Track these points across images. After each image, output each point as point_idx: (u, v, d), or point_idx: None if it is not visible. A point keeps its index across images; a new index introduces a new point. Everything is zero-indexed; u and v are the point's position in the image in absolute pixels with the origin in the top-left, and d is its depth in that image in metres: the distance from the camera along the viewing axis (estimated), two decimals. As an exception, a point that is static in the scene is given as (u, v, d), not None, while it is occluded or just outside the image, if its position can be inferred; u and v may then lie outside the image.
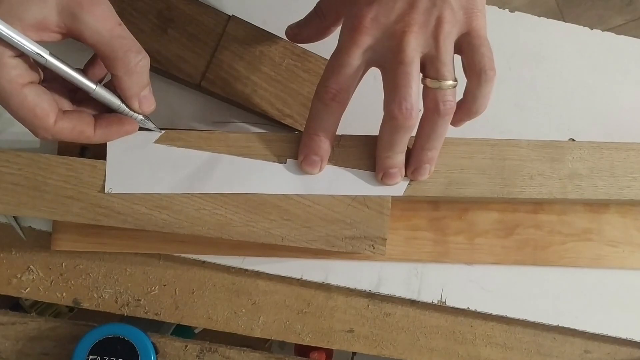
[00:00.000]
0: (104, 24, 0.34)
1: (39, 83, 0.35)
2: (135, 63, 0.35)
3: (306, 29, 0.42)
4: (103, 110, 0.39)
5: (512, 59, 0.50)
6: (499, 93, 0.50)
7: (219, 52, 0.45)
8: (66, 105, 0.38)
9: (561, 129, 0.49)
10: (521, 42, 0.51)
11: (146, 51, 0.36)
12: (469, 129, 0.41)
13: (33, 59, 0.34)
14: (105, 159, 0.40)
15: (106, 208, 0.40)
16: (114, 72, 0.35)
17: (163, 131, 0.41)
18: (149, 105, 0.38)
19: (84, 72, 0.37)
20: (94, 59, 0.38)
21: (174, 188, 0.40)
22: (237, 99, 0.46)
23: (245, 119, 0.48)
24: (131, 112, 0.38)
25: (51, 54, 0.34)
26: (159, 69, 0.45)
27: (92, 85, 0.36)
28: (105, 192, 0.39)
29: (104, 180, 0.40)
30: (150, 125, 0.40)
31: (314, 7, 0.41)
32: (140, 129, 0.40)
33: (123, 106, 0.38)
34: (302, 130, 0.45)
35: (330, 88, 0.36)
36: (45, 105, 0.34)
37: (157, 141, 0.40)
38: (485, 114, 0.39)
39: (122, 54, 0.34)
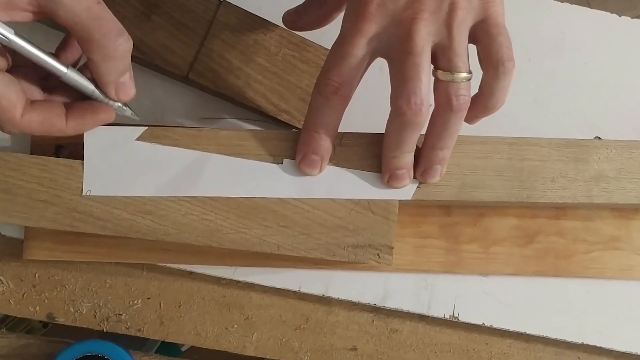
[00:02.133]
0: (81, 2, 0.33)
1: (6, 71, 0.35)
2: (115, 47, 0.34)
3: (305, 16, 0.42)
4: (77, 98, 0.38)
5: (532, 49, 0.50)
6: (518, 86, 0.50)
7: (208, 41, 0.45)
8: (36, 94, 0.37)
9: (586, 126, 0.49)
10: (542, 31, 0.51)
11: (129, 40, 0.36)
12: (485, 126, 0.41)
13: None
14: (82, 159, 0.40)
15: (84, 213, 0.40)
16: (90, 56, 0.35)
17: (146, 127, 0.41)
18: (127, 93, 0.37)
19: (55, 55, 0.37)
20: (68, 40, 0.38)
21: (158, 191, 0.40)
22: (228, 92, 0.46)
23: (237, 114, 0.47)
24: (107, 99, 0.38)
25: (17, 34, 0.33)
26: (142, 60, 0.45)
27: (62, 69, 0.36)
28: (83, 194, 0.39)
29: (82, 182, 0.40)
30: (128, 112, 0.39)
31: None
32: (118, 118, 0.39)
33: (97, 92, 0.37)
34: (301, 127, 0.45)
35: (332, 81, 0.36)
36: (11, 96, 0.34)
37: (140, 138, 0.40)
38: (503, 109, 0.39)
39: (100, 36, 0.34)
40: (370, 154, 0.41)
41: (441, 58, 0.35)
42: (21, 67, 0.36)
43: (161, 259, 0.45)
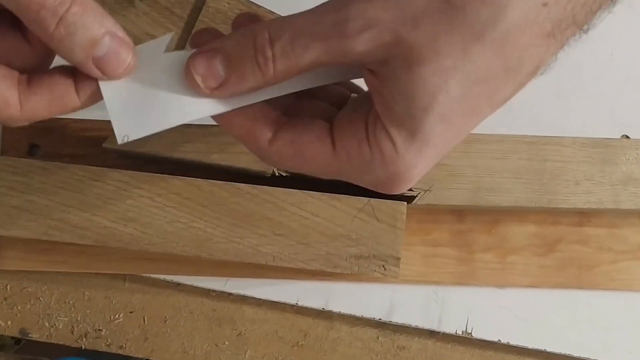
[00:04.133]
0: None
1: None
2: (54, 23, 0.27)
3: None
4: None
5: (553, 38, 0.50)
6: (538, 80, 0.49)
7: (197, 29, 0.45)
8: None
9: (613, 123, 0.49)
10: (564, 18, 0.50)
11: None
12: (501, 123, 0.41)
13: None
14: (59, 159, 0.40)
15: (60, 220, 0.40)
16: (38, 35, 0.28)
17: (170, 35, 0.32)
18: (118, 62, 0.30)
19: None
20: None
21: (200, 111, 0.30)
22: (219, 86, 0.45)
23: (229, 110, 0.47)
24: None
25: None
26: (124, 50, 0.45)
27: None
28: (120, 143, 0.30)
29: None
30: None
31: None
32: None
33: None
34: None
35: None
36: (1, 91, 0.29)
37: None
38: (522, 104, 0.39)
39: (34, 15, 0.27)
40: None
41: None
42: None
43: (145, 269, 0.45)
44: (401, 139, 0.28)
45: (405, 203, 0.41)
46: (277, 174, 0.42)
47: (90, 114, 0.45)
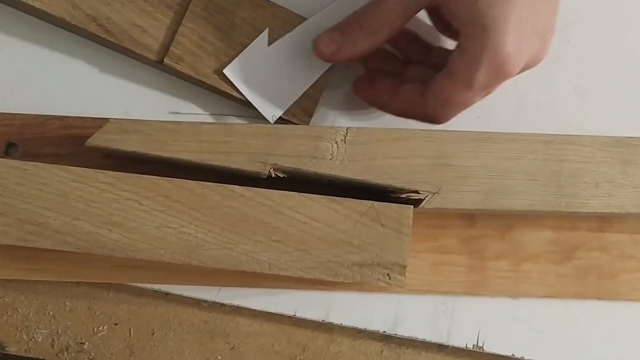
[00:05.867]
0: None
1: None
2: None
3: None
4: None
5: (571, 30, 0.50)
6: (555, 74, 0.49)
7: (188, 20, 0.45)
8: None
9: (636, 121, 0.49)
10: (583, 7, 0.50)
11: (93, 17, 0.35)
12: (515, 121, 0.41)
13: None
14: (38, 159, 0.40)
15: (39, 225, 0.39)
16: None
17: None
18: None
19: None
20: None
21: (314, 73, 0.46)
22: (211, 81, 0.45)
23: (221, 107, 0.47)
24: None
25: None
26: (108, 42, 0.45)
27: None
28: (273, 122, 0.45)
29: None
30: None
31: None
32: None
33: None
34: (295, 122, 0.46)
35: None
36: None
37: (105, 132, 0.41)
38: (537, 101, 0.39)
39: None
40: (380, 154, 0.41)
41: None
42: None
43: (131, 277, 0.45)
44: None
45: (412, 207, 0.41)
46: (273, 175, 0.42)
47: (72, 110, 0.46)
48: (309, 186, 0.42)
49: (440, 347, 0.47)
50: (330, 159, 0.42)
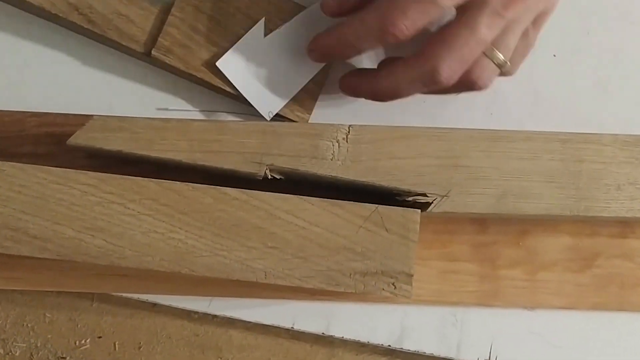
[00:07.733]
0: None
1: None
2: None
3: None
4: None
5: (591, 21, 0.50)
6: (574, 68, 0.49)
7: (177, 9, 0.45)
8: None
9: (660, 118, 0.49)
10: (604, -4, 0.51)
11: (75, 6, 0.35)
12: (530, 118, 0.41)
13: None
14: (15, 159, 0.40)
15: (17, 230, 0.39)
16: None
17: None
18: None
19: None
20: None
21: (314, 67, 0.46)
22: (202, 75, 0.45)
23: (213, 103, 0.47)
24: None
25: None
26: (91, 32, 0.45)
27: None
28: (269, 119, 0.46)
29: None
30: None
31: None
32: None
33: None
34: (293, 119, 0.46)
35: None
36: None
37: (89, 130, 0.41)
38: (555, 97, 0.39)
39: None
40: (385, 153, 0.41)
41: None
42: None
43: (116, 287, 0.45)
44: None
45: (419, 211, 0.41)
46: (270, 177, 0.42)
47: (52, 106, 0.46)
48: (308, 188, 0.42)
49: (450, 362, 0.47)
50: (331, 159, 0.42)
